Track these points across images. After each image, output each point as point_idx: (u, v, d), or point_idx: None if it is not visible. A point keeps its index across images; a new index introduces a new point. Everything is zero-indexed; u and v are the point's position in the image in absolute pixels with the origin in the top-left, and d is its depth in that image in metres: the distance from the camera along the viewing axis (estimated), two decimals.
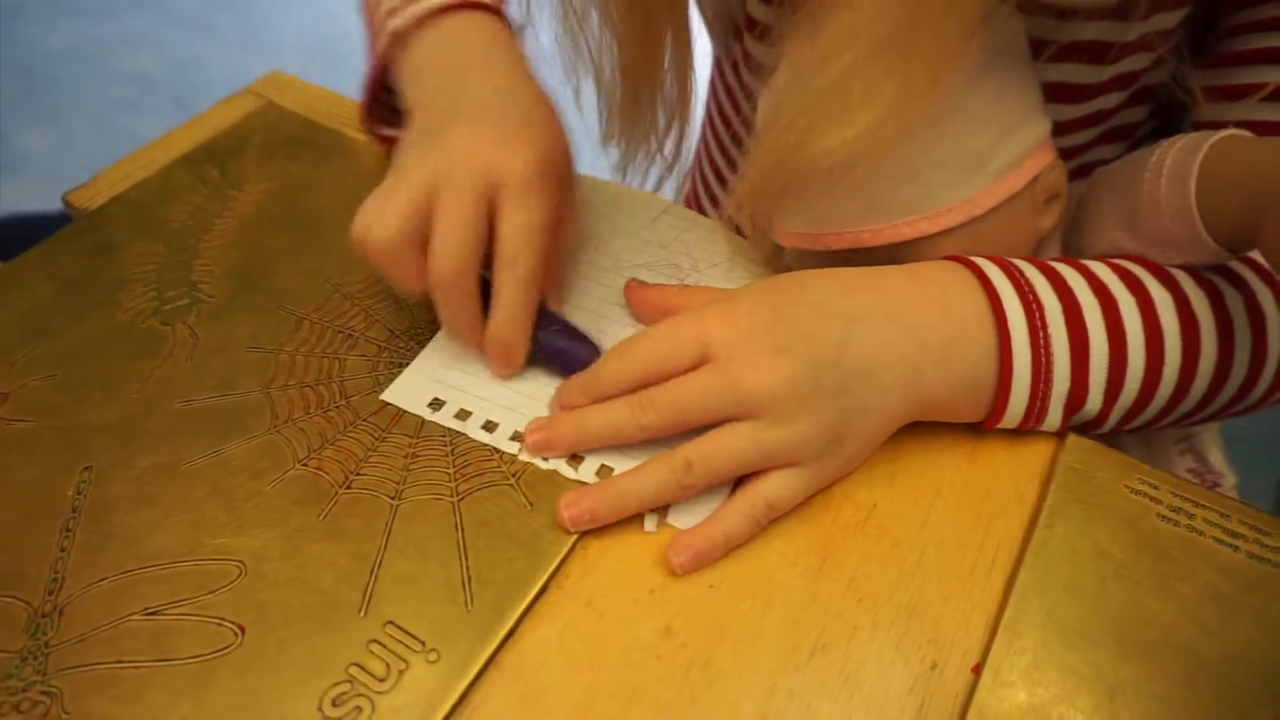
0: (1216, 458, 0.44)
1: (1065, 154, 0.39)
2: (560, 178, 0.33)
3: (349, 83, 0.48)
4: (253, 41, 1.97)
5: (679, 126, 0.44)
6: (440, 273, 0.30)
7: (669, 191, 0.47)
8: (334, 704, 0.24)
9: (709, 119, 0.55)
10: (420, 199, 0.30)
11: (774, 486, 0.29)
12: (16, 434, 0.30)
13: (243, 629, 0.26)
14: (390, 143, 0.41)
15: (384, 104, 0.40)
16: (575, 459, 0.30)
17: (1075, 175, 0.41)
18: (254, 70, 1.71)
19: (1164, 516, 0.29)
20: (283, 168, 0.41)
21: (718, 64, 0.51)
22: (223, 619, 0.26)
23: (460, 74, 0.35)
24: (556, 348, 0.33)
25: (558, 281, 0.36)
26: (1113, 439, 0.34)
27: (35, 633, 0.26)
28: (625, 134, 0.44)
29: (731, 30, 0.46)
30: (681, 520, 0.29)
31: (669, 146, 0.45)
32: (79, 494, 0.29)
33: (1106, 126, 0.41)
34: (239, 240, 0.37)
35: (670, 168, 0.46)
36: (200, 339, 0.33)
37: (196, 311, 0.34)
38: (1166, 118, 0.43)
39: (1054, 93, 0.37)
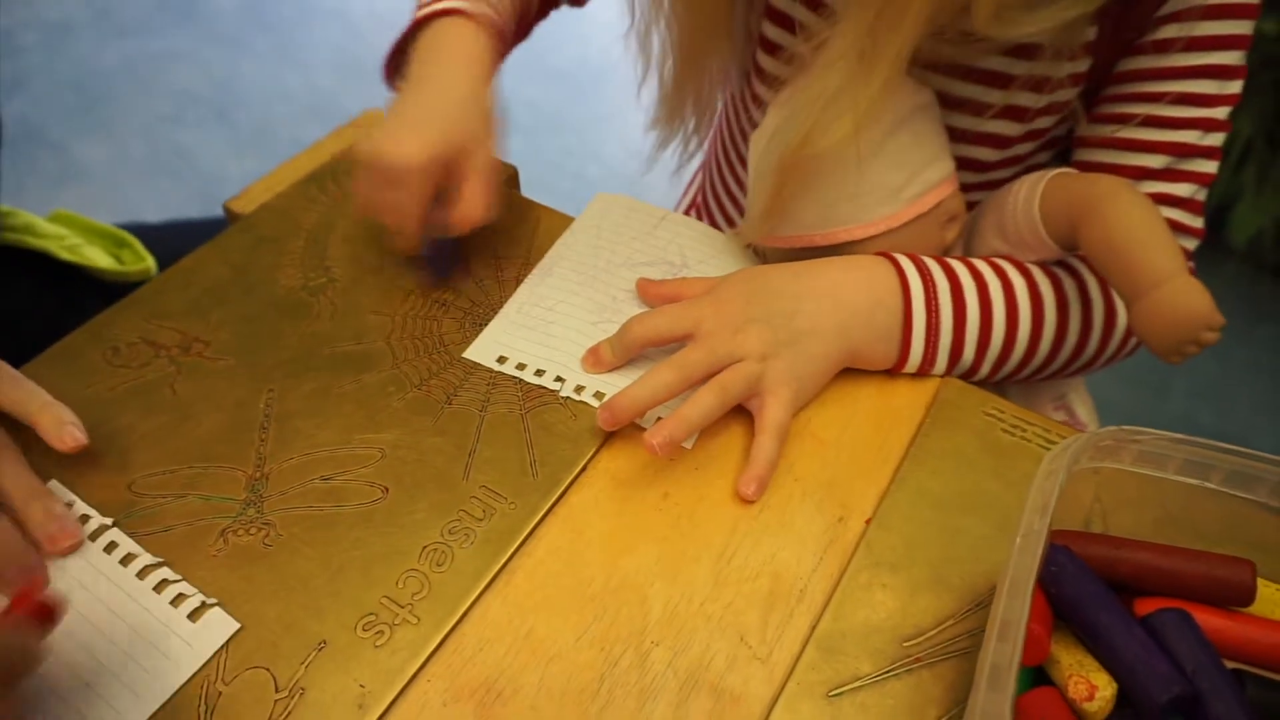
0: (1084, 413, 0.59)
1: (990, 185, 0.54)
2: (436, 179, 0.46)
3: (374, 92, 0.60)
4: (288, 59, 2.13)
5: (705, 128, 0.60)
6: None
7: (685, 175, 0.62)
8: (450, 532, 0.39)
9: (715, 149, 0.69)
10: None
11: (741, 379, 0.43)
12: (220, 367, 0.45)
13: (386, 489, 0.40)
14: None
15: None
16: (597, 394, 0.45)
17: None
18: (289, 85, 1.99)
19: (1005, 430, 0.44)
20: None
21: (727, 105, 0.66)
22: (373, 483, 0.41)
23: (419, 70, 0.49)
24: (433, 254, 0.49)
25: (461, 217, 0.47)
26: (1000, 393, 0.48)
27: (252, 489, 0.40)
28: (665, 125, 0.59)
29: (743, 73, 0.61)
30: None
31: (693, 143, 0.61)
32: (268, 406, 0.43)
33: (1021, 167, 0.55)
34: (355, 236, 0.52)
35: (690, 156, 0.61)
36: (336, 306, 0.48)
37: (332, 287, 0.49)
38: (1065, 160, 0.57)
39: (988, 141, 0.52)
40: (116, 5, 2.17)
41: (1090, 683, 0.31)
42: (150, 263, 0.68)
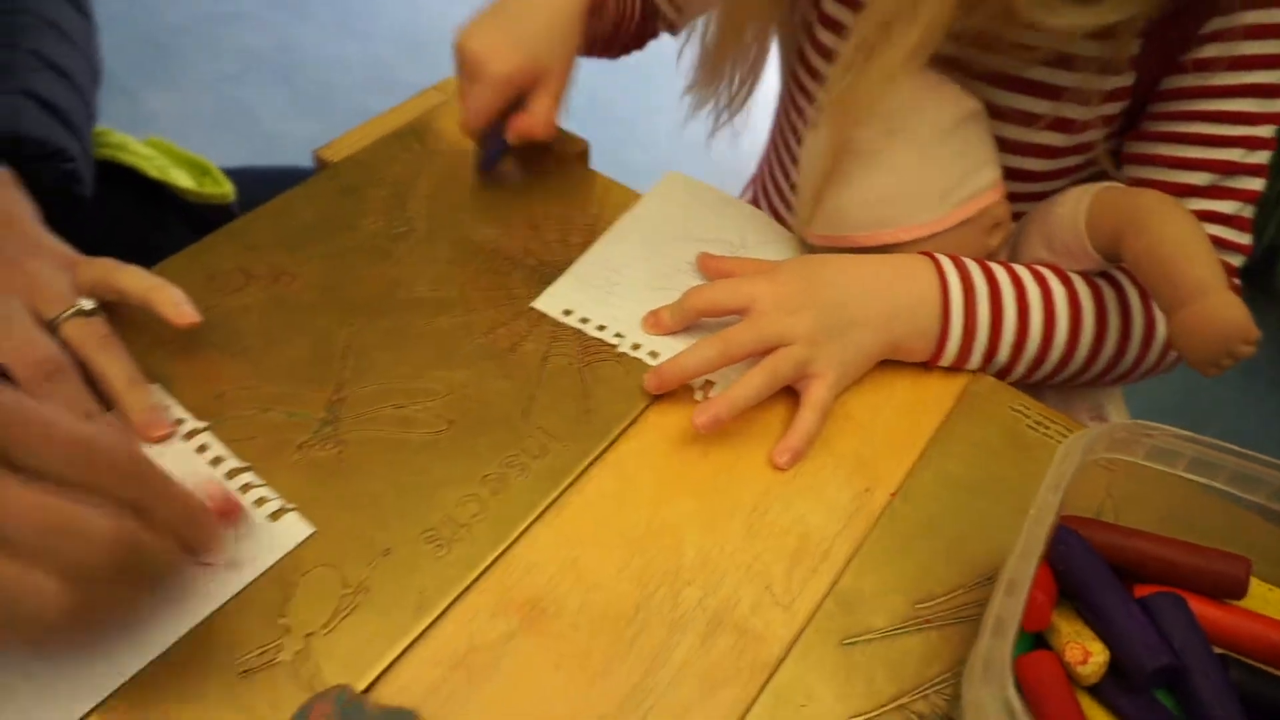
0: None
1: (1039, 196, 0.57)
2: (520, 88, 0.54)
3: (433, 66, 0.64)
4: (348, 27, 2.19)
5: (747, 89, 0.62)
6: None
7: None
8: (507, 465, 0.43)
9: (771, 143, 0.73)
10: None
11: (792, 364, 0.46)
12: (307, 299, 0.49)
13: (451, 422, 0.44)
14: None
15: None
16: (652, 353, 0.48)
17: None
18: (348, 53, 2.05)
19: (1030, 426, 0.47)
20: (458, 141, 0.60)
21: (780, 102, 0.69)
22: (440, 415, 0.45)
23: None
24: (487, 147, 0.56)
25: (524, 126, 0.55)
26: (1035, 398, 0.51)
27: (330, 409, 0.44)
28: (704, 87, 0.62)
29: (791, 72, 0.64)
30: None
31: (736, 103, 0.63)
32: (348, 338, 0.48)
33: (1069, 180, 0.58)
34: (435, 190, 0.56)
35: (729, 119, 0.64)
36: (415, 254, 0.52)
37: (411, 236, 0.53)
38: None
39: (1037, 151, 0.55)
40: None
41: (1085, 649, 0.34)
42: (229, 188, 0.73)
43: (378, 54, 2.13)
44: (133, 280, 0.45)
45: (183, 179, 0.72)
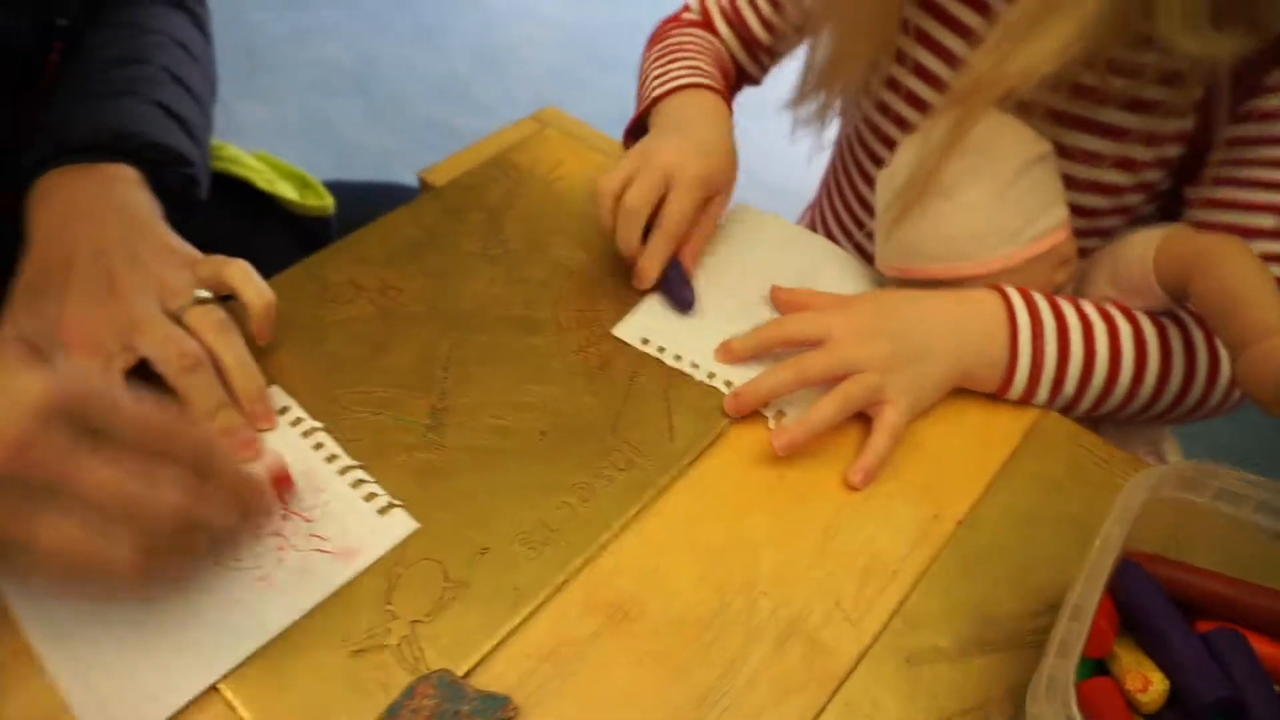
0: (1175, 461, 0.63)
1: (1100, 233, 0.60)
2: (710, 188, 0.57)
3: (506, 82, 0.68)
4: (426, 41, 2.27)
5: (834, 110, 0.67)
6: (625, 206, 0.54)
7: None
8: (596, 476, 0.46)
9: (833, 173, 0.76)
10: (630, 172, 0.55)
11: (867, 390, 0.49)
12: (412, 313, 0.53)
13: (544, 433, 0.48)
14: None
15: (636, 132, 0.64)
16: (727, 382, 0.52)
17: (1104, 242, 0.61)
18: (424, 66, 2.14)
19: (1095, 464, 0.49)
20: (552, 169, 0.64)
21: (847, 133, 0.72)
22: (534, 426, 0.48)
23: (680, 120, 0.60)
24: (671, 283, 0.55)
25: (693, 250, 0.57)
26: (1095, 431, 0.53)
27: (434, 416, 0.48)
28: (802, 106, 0.67)
29: (871, 105, 0.67)
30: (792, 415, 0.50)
31: (825, 122, 0.68)
32: (450, 350, 0.52)
33: (1130, 217, 0.60)
34: (529, 215, 0.60)
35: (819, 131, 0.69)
36: (510, 275, 0.56)
37: (507, 258, 0.57)
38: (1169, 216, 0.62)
39: (1100, 189, 0.57)
40: None
41: (1146, 678, 0.36)
42: (329, 201, 0.78)
43: (452, 67, 2.20)
44: (241, 279, 0.50)
45: (288, 191, 0.77)
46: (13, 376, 0.34)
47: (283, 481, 0.42)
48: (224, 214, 0.74)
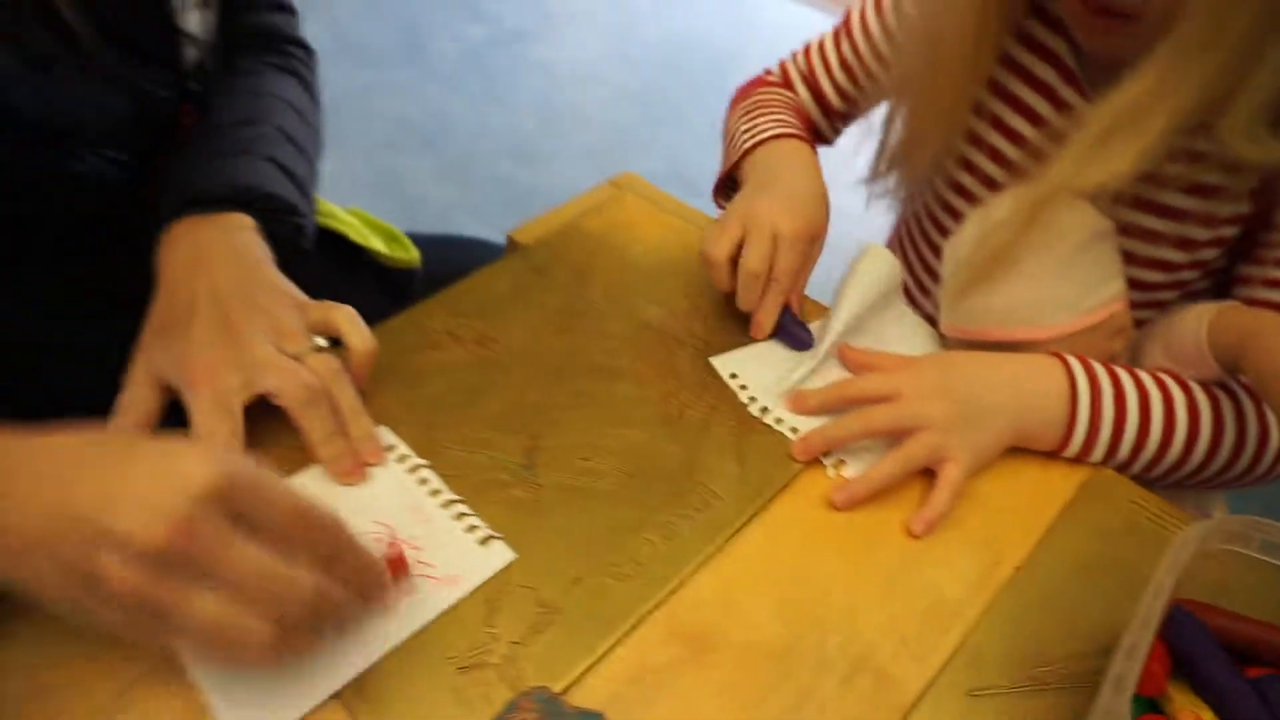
0: None
1: (1156, 305, 0.63)
2: (813, 240, 0.62)
3: (567, 139, 0.73)
4: (494, 100, 2.38)
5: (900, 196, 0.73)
6: (745, 273, 0.59)
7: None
8: (677, 515, 0.50)
9: (901, 239, 0.80)
10: (737, 234, 0.60)
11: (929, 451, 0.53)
12: (505, 361, 0.59)
13: (629, 475, 0.52)
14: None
15: (727, 188, 0.69)
16: (793, 429, 0.55)
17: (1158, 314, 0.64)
18: (493, 124, 2.26)
19: (1148, 518, 0.52)
20: (629, 232, 0.69)
21: (918, 204, 0.76)
22: (619, 468, 0.53)
23: (773, 172, 0.65)
24: (787, 328, 0.61)
25: (798, 295, 0.63)
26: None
27: (528, 456, 0.53)
28: (873, 183, 0.73)
29: (943, 181, 0.72)
30: (849, 472, 0.54)
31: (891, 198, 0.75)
32: (541, 396, 0.56)
33: (1184, 292, 0.64)
34: (610, 273, 0.66)
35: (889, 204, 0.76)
36: (593, 329, 0.61)
37: (590, 312, 0.62)
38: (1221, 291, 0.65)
39: (1157, 265, 0.61)
40: (356, 39, 2.49)
41: (1199, 716, 0.39)
42: (416, 255, 0.84)
43: (519, 126, 2.30)
44: (347, 325, 0.55)
45: (378, 244, 0.84)
46: (179, 459, 0.38)
47: (400, 567, 0.46)
48: (321, 264, 0.81)
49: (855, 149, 0.76)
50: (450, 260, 0.84)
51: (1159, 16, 0.50)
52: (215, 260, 0.58)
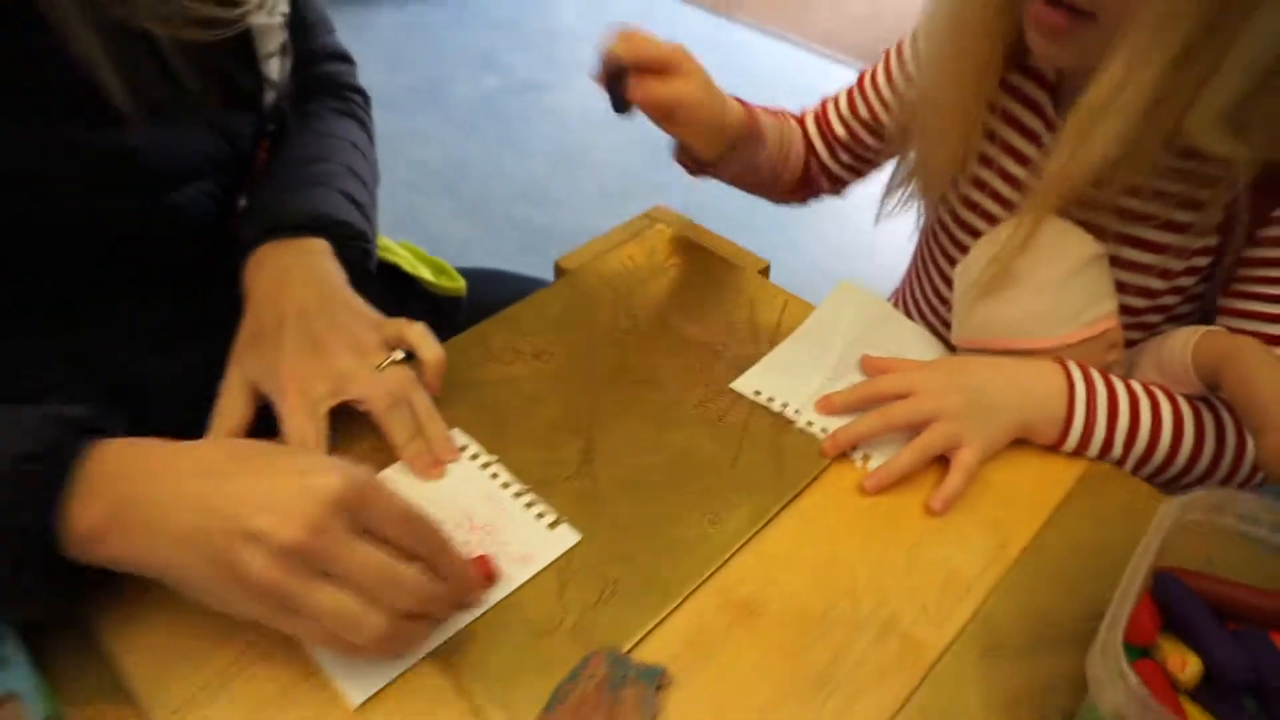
0: None
1: (1142, 326, 0.70)
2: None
3: (579, 183, 0.79)
4: (510, 144, 2.48)
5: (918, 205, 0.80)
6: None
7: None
8: (720, 503, 0.57)
9: (918, 257, 0.87)
10: None
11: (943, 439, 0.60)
12: (561, 372, 0.66)
13: (676, 469, 0.59)
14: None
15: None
16: (823, 430, 0.62)
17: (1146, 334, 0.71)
18: (509, 167, 2.39)
19: (1141, 505, 0.58)
20: (666, 258, 0.77)
21: (932, 223, 0.84)
22: (667, 463, 0.59)
23: None
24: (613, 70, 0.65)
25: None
26: None
27: (583, 453, 0.60)
28: (888, 199, 0.80)
29: (957, 199, 0.79)
30: (874, 464, 0.60)
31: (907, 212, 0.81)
32: (594, 402, 0.63)
33: (1167, 315, 0.71)
34: (651, 294, 0.73)
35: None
36: (638, 345, 0.68)
37: (635, 330, 0.70)
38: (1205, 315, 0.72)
39: (1140, 293, 0.68)
40: (380, 88, 2.59)
41: (1184, 660, 0.45)
42: (462, 283, 0.92)
43: (533, 169, 2.40)
44: (419, 340, 0.62)
45: (426, 274, 0.91)
46: (313, 471, 0.44)
47: (489, 574, 0.52)
48: (375, 289, 0.88)
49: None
50: (489, 292, 0.92)
51: (1111, 18, 0.56)
52: (298, 281, 0.65)
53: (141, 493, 0.45)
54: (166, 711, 0.46)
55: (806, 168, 0.88)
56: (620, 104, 0.66)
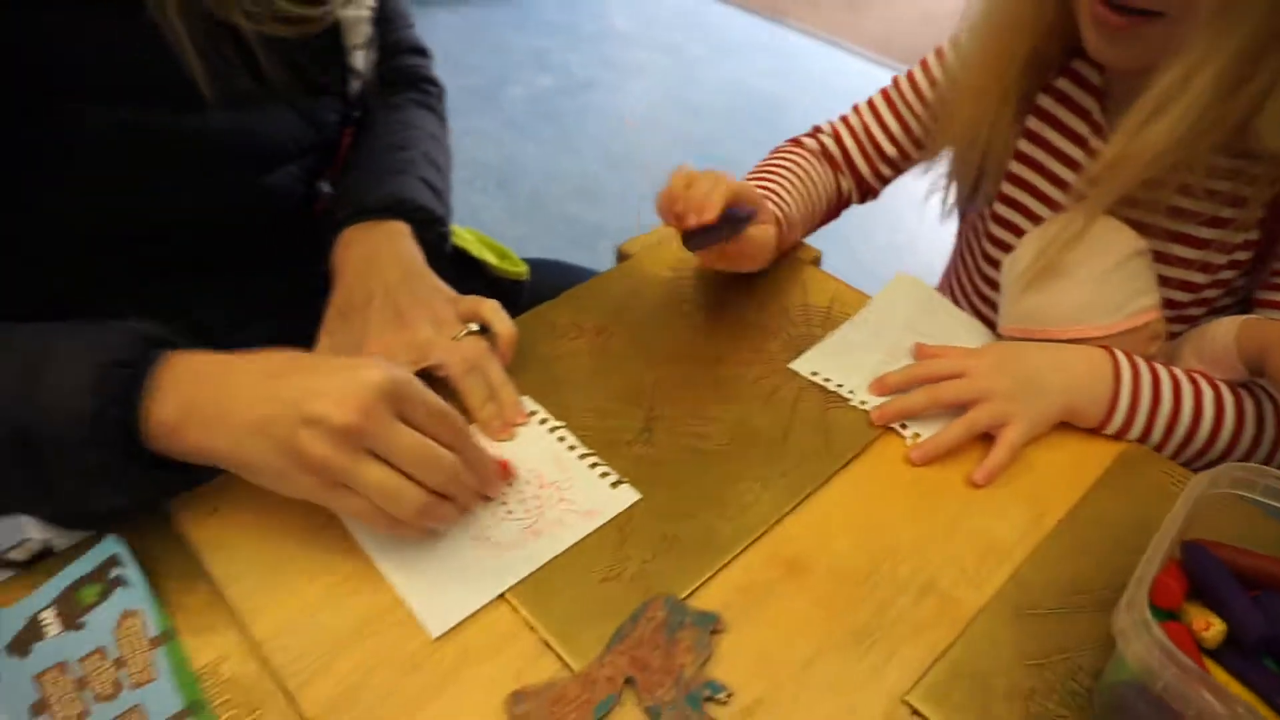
0: None
1: (1184, 320, 0.73)
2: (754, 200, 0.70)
3: (631, 182, 0.83)
4: (565, 146, 2.55)
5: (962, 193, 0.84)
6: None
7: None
8: (773, 470, 0.61)
9: (961, 251, 0.91)
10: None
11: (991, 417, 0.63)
12: (622, 349, 0.70)
13: (731, 439, 0.63)
14: None
15: None
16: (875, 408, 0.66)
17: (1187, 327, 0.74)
18: (562, 168, 2.47)
19: (1173, 485, 0.61)
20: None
21: (974, 221, 0.87)
22: (722, 433, 0.64)
23: None
24: (729, 214, 0.64)
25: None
26: None
27: (645, 423, 0.64)
28: (945, 190, 0.83)
29: (981, 195, 0.83)
30: (924, 435, 0.64)
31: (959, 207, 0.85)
32: (655, 376, 0.68)
33: (1208, 309, 0.74)
34: (710, 277, 0.77)
35: (949, 210, 0.87)
36: (697, 323, 0.73)
37: (694, 309, 0.74)
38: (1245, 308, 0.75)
39: (1183, 286, 0.71)
40: None
41: (1208, 620, 0.48)
42: (524, 268, 0.97)
43: (587, 169, 2.46)
44: (492, 314, 0.68)
45: (491, 258, 0.97)
46: (361, 366, 0.52)
47: (507, 470, 0.60)
48: (441, 273, 0.94)
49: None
50: (548, 279, 0.97)
51: (1179, 16, 0.59)
52: (384, 261, 0.71)
53: (211, 392, 0.51)
54: (266, 631, 0.51)
55: (838, 191, 0.92)
56: (707, 244, 0.66)
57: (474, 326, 0.67)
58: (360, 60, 0.81)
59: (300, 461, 0.50)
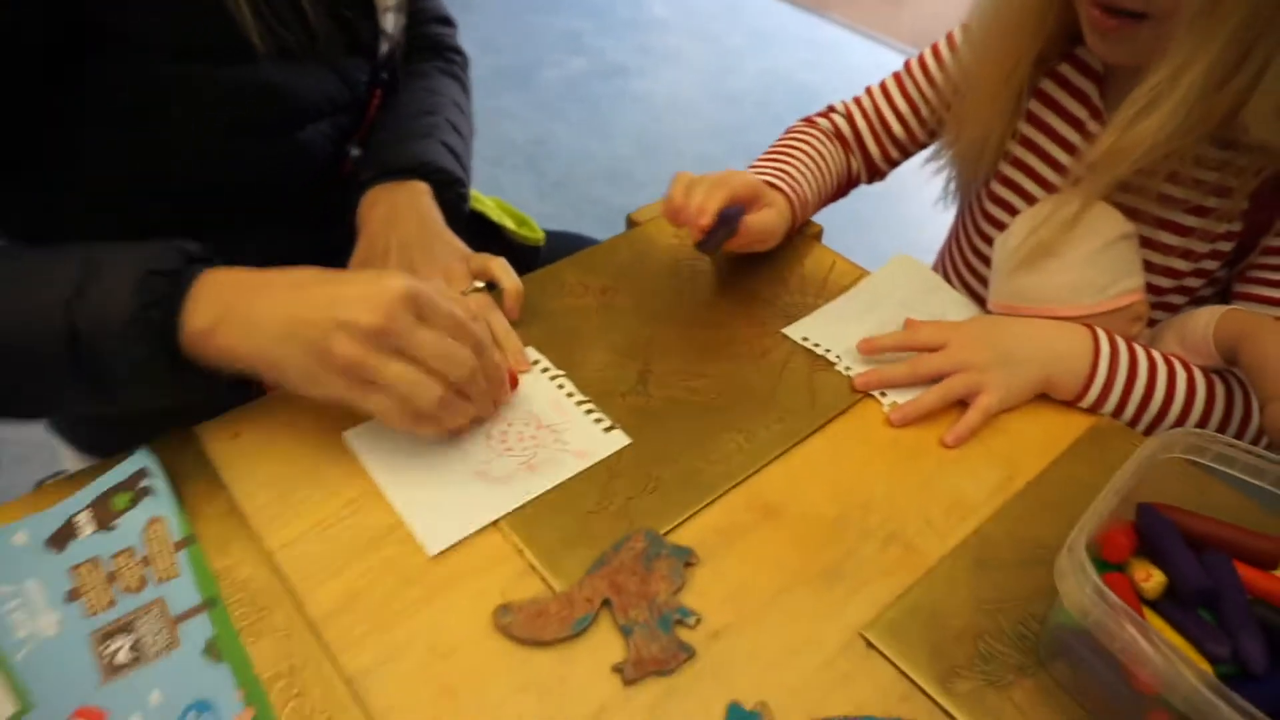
0: None
1: (1166, 307, 0.76)
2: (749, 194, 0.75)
3: (661, 167, 0.86)
4: (595, 128, 2.59)
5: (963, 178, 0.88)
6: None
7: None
8: (757, 424, 0.65)
9: (956, 232, 0.94)
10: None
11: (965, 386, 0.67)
12: (625, 306, 0.75)
13: (720, 394, 0.68)
14: None
15: None
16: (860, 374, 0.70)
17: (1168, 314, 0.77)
18: (591, 150, 2.52)
19: None
20: None
21: (971, 201, 0.91)
22: (712, 389, 0.68)
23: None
24: (723, 215, 0.70)
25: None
26: None
27: (640, 376, 0.69)
28: (943, 166, 0.88)
29: (981, 179, 0.86)
30: (899, 401, 0.68)
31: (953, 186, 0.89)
32: (652, 333, 0.73)
33: (1190, 297, 0.77)
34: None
35: (951, 195, 0.91)
36: (698, 288, 0.77)
37: (694, 275, 0.79)
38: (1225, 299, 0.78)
39: (1166, 273, 0.74)
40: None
41: (1149, 571, 0.52)
42: (541, 235, 1.02)
43: (617, 152, 2.51)
44: (501, 270, 0.72)
45: (510, 223, 1.02)
46: (384, 275, 0.57)
47: (514, 379, 0.66)
48: (465, 235, 0.99)
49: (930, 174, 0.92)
50: (564, 249, 1.01)
51: (1162, 16, 0.63)
52: (403, 218, 0.76)
53: (245, 300, 0.56)
54: (278, 543, 0.56)
55: (848, 171, 0.96)
56: (714, 245, 0.71)
57: (480, 284, 0.72)
58: (390, 23, 0.86)
59: (330, 362, 0.54)
